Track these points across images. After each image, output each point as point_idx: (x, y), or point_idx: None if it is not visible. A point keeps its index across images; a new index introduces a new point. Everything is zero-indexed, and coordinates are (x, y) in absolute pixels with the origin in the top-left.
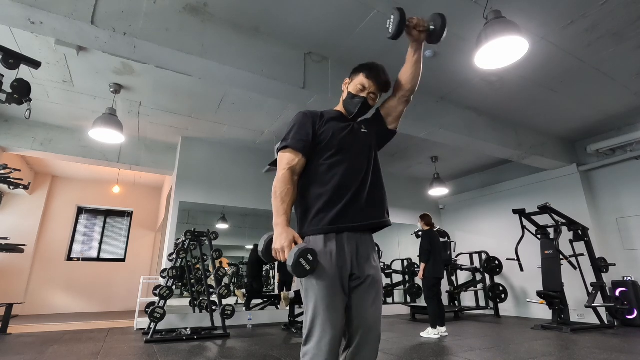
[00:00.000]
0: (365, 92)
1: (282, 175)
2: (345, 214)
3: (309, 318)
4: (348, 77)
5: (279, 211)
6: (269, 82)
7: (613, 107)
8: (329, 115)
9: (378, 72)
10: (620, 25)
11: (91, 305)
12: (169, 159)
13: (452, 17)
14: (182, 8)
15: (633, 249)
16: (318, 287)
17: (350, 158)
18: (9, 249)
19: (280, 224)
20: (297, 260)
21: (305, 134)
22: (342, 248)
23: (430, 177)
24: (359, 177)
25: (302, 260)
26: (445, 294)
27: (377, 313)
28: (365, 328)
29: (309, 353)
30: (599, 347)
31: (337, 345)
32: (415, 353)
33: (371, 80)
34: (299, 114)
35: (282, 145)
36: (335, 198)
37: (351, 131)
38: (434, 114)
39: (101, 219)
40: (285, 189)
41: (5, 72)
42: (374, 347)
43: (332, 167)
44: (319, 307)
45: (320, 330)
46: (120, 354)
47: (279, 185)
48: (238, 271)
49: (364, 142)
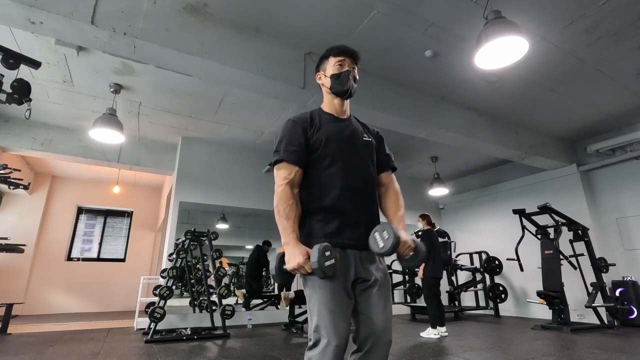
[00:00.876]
0: (345, 65)
1: (282, 191)
2: (343, 233)
3: (313, 323)
4: (317, 72)
5: (286, 229)
6: (269, 82)
7: (613, 107)
8: (321, 117)
9: (344, 46)
10: (620, 25)
11: (91, 305)
12: (169, 159)
13: (452, 17)
14: (182, 8)
15: (633, 249)
16: (321, 291)
17: (347, 170)
18: (9, 249)
19: (291, 242)
20: (323, 263)
21: (297, 144)
22: (344, 254)
23: (430, 177)
24: (356, 193)
25: (327, 261)
26: (445, 294)
27: (388, 319)
28: (376, 334)
29: (313, 358)
30: (599, 347)
31: (342, 351)
32: (415, 353)
33: (343, 55)
34: (288, 122)
35: (275, 160)
36: (334, 217)
37: (349, 137)
38: (434, 114)
39: (101, 219)
40: (287, 205)
41: (5, 72)
42: (384, 352)
43: (329, 179)
44: (323, 312)
45: (326, 337)
46: (120, 354)
47: (280, 203)
48: (238, 271)
49: (364, 151)
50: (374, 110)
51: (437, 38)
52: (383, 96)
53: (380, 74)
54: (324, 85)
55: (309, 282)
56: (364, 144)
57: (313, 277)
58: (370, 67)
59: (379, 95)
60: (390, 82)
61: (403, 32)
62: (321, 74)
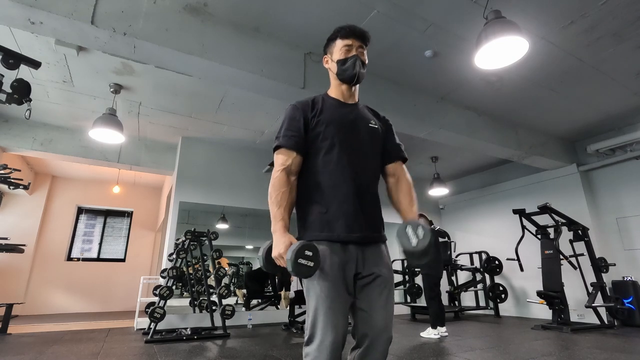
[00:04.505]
0: (353, 49)
1: (276, 178)
2: (342, 227)
3: (310, 319)
4: (324, 55)
5: (275, 217)
6: (269, 82)
7: (613, 107)
8: (325, 102)
9: (352, 27)
10: (620, 25)
11: (91, 305)
12: (169, 159)
13: (452, 17)
14: (182, 8)
15: (633, 249)
16: (319, 287)
17: (349, 158)
18: (9, 249)
19: (278, 230)
20: (296, 261)
21: (296, 129)
22: (346, 248)
23: (430, 177)
24: (357, 183)
25: (302, 259)
26: (445, 294)
27: (388, 316)
28: (376, 331)
29: (310, 354)
30: (599, 347)
31: (339, 348)
32: (415, 353)
33: (351, 37)
34: (289, 107)
35: (274, 146)
36: (333, 209)
37: (352, 122)
38: (434, 114)
39: (101, 219)
40: (280, 192)
41: (5, 72)
42: (383, 350)
43: (328, 166)
44: (321, 308)
45: (322, 332)
46: (120, 354)
47: (273, 190)
48: (238, 271)
49: (368, 138)
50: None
51: (437, 38)
52: (383, 96)
53: (380, 74)
54: (330, 70)
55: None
56: (369, 130)
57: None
58: (370, 67)
59: (379, 95)
60: (390, 82)
61: (403, 32)
62: (328, 57)
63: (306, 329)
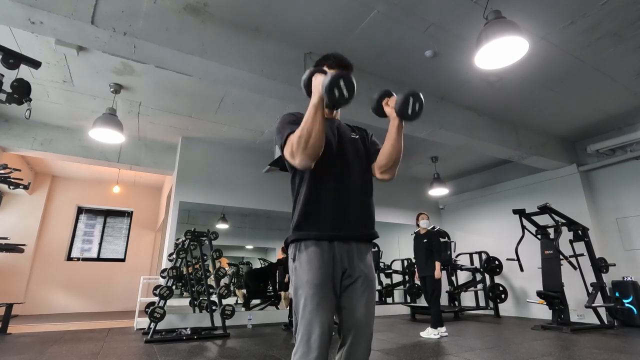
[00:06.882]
0: None
1: (293, 134)
2: (333, 227)
3: (298, 316)
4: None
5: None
6: (269, 82)
7: (613, 107)
8: None
9: (339, 59)
10: (620, 25)
11: (91, 305)
12: (169, 159)
13: (452, 17)
14: (182, 8)
15: (633, 249)
16: (308, 286)
17: (338, 165)
18: (9, 249)
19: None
20: (334, 82)
21: (298, 125)
22: (333, 247)
23: (430, 177)
24: (347, 187)
25: (340, 82)
26: (445, 294)
27: (369, 313)
28: (359, 324)
29: (299, 350)
30: (599, 347)
31: (326, 341)
32: (415, 353)
33: (336, 69)
34: (285, 114)
35: (283, 141)
36: (323, 210)
37: (337, 134)
38: (434, 114)
39: (101, 219)
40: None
41: (5, 72)
42: (366, 344)
43: (319, 174)
44: (308, 305)
45: (309, 328)
46: (120, 354)
47: (297, 131)
48: (238, 271)
49: (353, 148)
50: None
51: (437, 38)
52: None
53: (380, 74)
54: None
55: (298, 272)
56: (351, 140)
57: (302, 269)
58: (370, 67)
59: None
60: (390, 82)
61: (403, 32)
62: None
63: (294, 326)
